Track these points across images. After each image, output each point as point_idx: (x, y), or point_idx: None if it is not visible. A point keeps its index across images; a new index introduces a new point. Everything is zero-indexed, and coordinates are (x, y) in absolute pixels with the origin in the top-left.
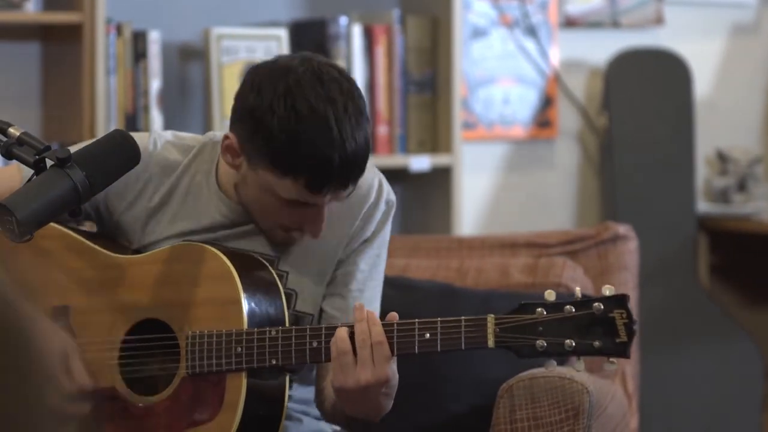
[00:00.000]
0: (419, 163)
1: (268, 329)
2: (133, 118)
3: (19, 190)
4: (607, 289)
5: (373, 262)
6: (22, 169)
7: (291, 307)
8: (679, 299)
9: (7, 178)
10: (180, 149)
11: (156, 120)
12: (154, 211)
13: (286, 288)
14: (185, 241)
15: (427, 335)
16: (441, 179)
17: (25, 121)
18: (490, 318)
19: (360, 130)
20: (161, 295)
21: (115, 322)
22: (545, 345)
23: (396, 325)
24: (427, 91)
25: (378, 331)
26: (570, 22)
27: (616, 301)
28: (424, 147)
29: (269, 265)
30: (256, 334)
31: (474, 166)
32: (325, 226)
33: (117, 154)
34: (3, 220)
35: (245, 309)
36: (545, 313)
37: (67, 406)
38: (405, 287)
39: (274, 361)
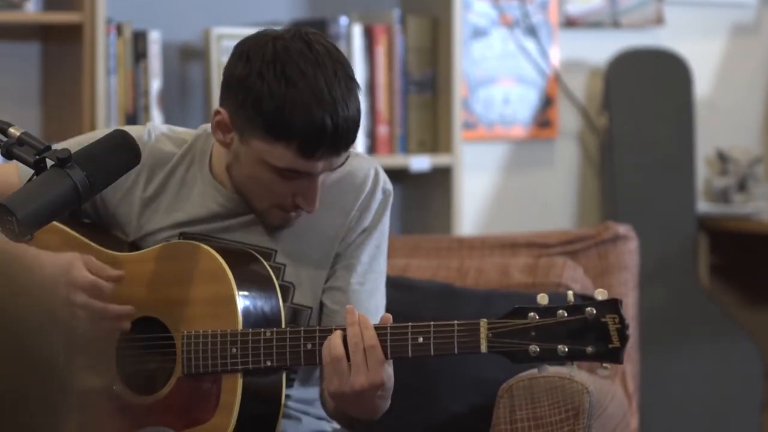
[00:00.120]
0: (419, 163)
1: (262, 330)
2: (134, 118)
3: (19, 190)
4: (600, 294)
5: (373, 253)
6: (19, 167)
7: (289, 300)
8: (679, 299)
9: (5, 177)
10: (174, 142)
11: (156, 120)
12: (149, 202)
13: (284, 281)
14: (181, 238)
15: (420, 339)
16: (441, 179)
17: (25, 121)
18: (483, 323)
19: (351, 95)
20: (157, 294)
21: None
22: (538, 350)
23: (389, 328)
24: (427, 91)
25: (370, 335)
26: (570, 22)
27: (609, 306)
28: (424, 147)
29: (265, 260)
30: (251, 335)
31: (474, 166)
32: (319, 200)
33: (117, 154)
34: (3, 220)
35: (240, 308)
36: (538, 317)
37: (88, 327)
38: (405, 287)
39: (268, 363)
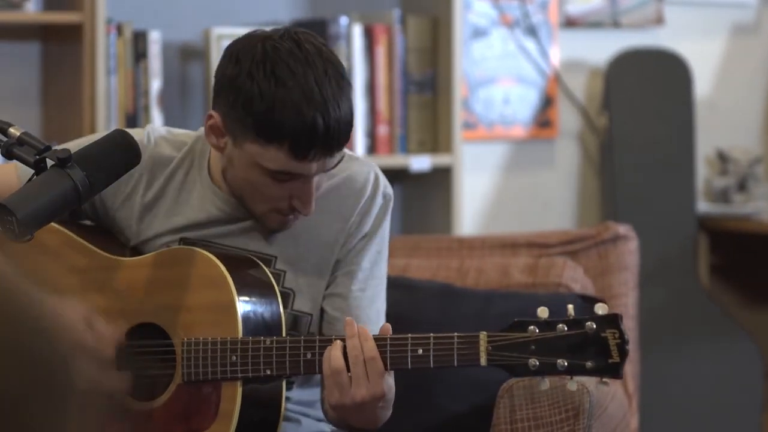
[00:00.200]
0: (419, 163)
1: (262, 339)
2: (134, 118)
3: (19, 190)
4: (600, 308)
5: (374, 259)
6: (18, 168)
7: (289, 307)
8: (679, 299)
9: (4, 179)
10: (173, 145)
11: (156, 120)
12: (149, 206)
13: (284, 287)
14: (181, 244)
15: (419, 351)
16: (441, 179)
17: (25, 121)
18: (483, 335)
19: (342, 95)
20: (157, 300)
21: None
22: (537, 364)
23: (389, 339)
24: (427, 91)
25: (370, 347)
26: (570, 22)
27: (609, 321)
28: (424, 147)
29: (265, 266)
30: (251, 344)
31: (474, 166)
32: (314, 202)
33: (117, 154)
34: (3, 220)
35: (240, 314)
36: (537, 331)
37: (101, 376)
38: (405, 287)
39: (268, 371)
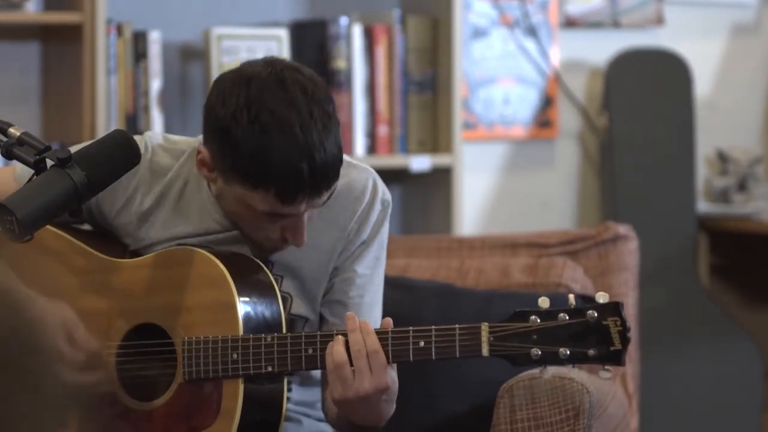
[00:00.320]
0: (419, 163)
1: (263, 336)
2: (134, 118)
3: (19, 190)
4: (601, 296)
5: (373, 265)
6: (16, 170)
7: (286, 311)
8: (679, 299)
9: (1, 181)
10: (171, 153)
11: (156, 120)
12: (146, 216)
13: (281, 291)
14: (180, 245)
15: (421, 343)
16: (441, 179)
17: (25, 121)
18: (484, 326)
19: (328, 135)
20: (157, 300)
21: (112, 326)
22: (540, 353)
23: (390, 333)
24: (427, 91)
25: (372, 340)
26: (570, 22)
27: (611, 309)
28: (424, 147)
29: (265, 267)
30: (251, 341)
31: (474, 166)
32: (306, 236)
33: (117, 154)
34: (3, 220)
35: (240, 314)
36: (539, 321)
37: (77, 377)
38: (405, 287)
39: (270, 368)
